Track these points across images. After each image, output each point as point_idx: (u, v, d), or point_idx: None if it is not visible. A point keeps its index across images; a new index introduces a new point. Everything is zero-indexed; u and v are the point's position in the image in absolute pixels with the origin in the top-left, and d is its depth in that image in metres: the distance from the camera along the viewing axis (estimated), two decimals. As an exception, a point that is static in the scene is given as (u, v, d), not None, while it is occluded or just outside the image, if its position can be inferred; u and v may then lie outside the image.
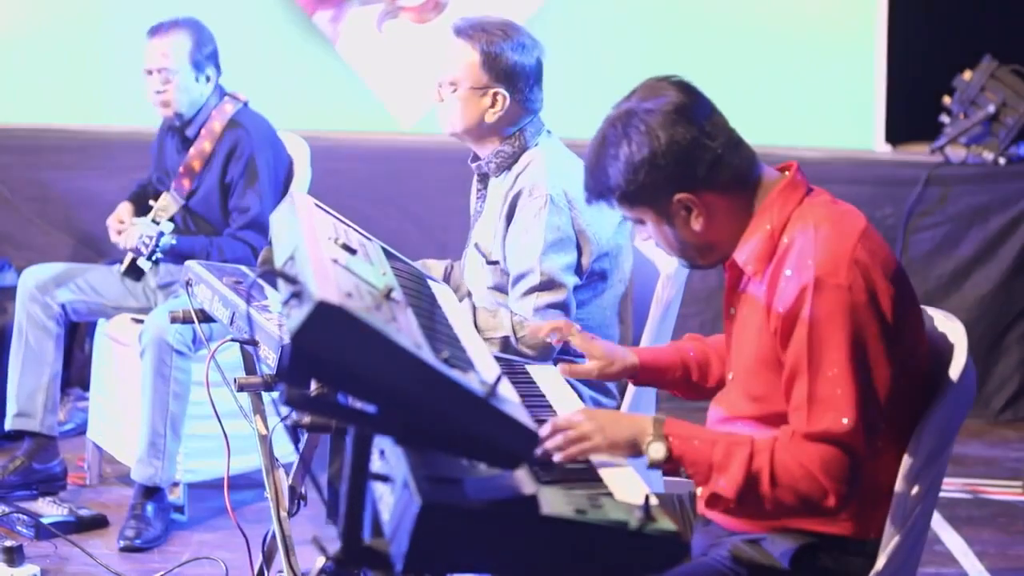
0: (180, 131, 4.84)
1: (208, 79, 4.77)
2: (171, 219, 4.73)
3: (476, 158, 3.72)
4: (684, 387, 2.94)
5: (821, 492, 2.42)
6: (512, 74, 3.62)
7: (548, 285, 3.50)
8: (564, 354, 3.43)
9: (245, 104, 4.84)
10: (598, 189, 2.62)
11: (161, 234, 4.58)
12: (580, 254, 3.55)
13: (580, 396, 3.03)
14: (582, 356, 3.04)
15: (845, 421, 2.41)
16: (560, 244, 3.51)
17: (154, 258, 4.57)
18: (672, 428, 2.47)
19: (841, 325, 2.42)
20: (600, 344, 2.94)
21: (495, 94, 3.62)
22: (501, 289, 3.64)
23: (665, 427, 2.46)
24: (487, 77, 3.61)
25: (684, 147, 2.53)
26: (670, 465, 2.47)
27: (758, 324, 2.55)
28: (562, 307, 3.51)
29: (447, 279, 3.83)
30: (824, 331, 2.42)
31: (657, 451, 2.45)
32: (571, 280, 3.53)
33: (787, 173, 2.61)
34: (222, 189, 4.76)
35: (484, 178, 3.75)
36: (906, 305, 2.51)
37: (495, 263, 3.62)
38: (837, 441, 2.41)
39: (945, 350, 2.59)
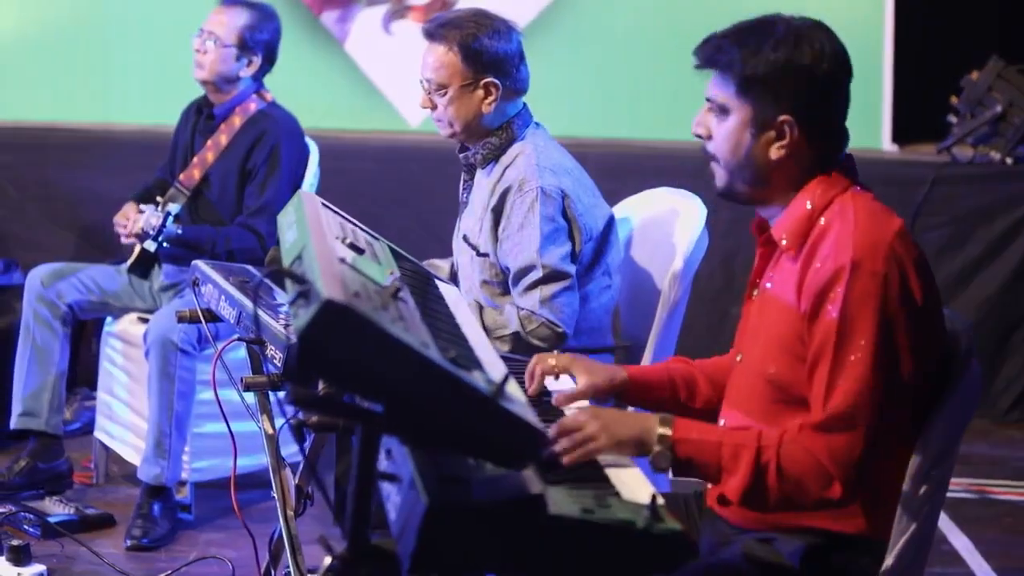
0: (208, 111, 4.84)
1: (249, 63, 4.78)
2: (179, 208, 4.74)
3: (464, 148, 3.73)
4: (671, 407, 2.90)
5: (827, 480, 2.42)
6: (496, 60, 3.62)
7: (552, 277, 3.52)
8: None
9: (271, 103, 4.85)
10: (723, 57, 2.56)
11: (168, 214, 4.58)
12: (573, 242, 3.57)
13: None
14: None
15: (858, 411, 2.41)
16: (556, 234, 3.53)
17: (160, 239, 4.57)
18: (679, 431, 2.46)
19: (872, 312, 2.42)
20: (583, 360, 2.92)
21: (487, 84, 3.62)
22: (492, 283, 3.65)
23: (672, 430, 2.46)
24: (472, 71, 3.62)
25: (830, 85, 2.58)
26: (677, 469, 2.47)
27: (785, 304, 2.55)
28: (568, 290, 3.52)
29: (453, 278, 3.83)
30: (854, 315, 2.42)
31: (663, 460, 2.45)
32: (571, 268, 3.54)
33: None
34: (241, 174, 4.76)
35: (471, 169, 3.76)
36: (933, 305, 2.51)
37: (485, 255, 3.64)
38: (847, 429, 2.41)
39: (952, 350, 2.58)
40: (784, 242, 2.57)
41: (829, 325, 2.44)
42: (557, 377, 2.94)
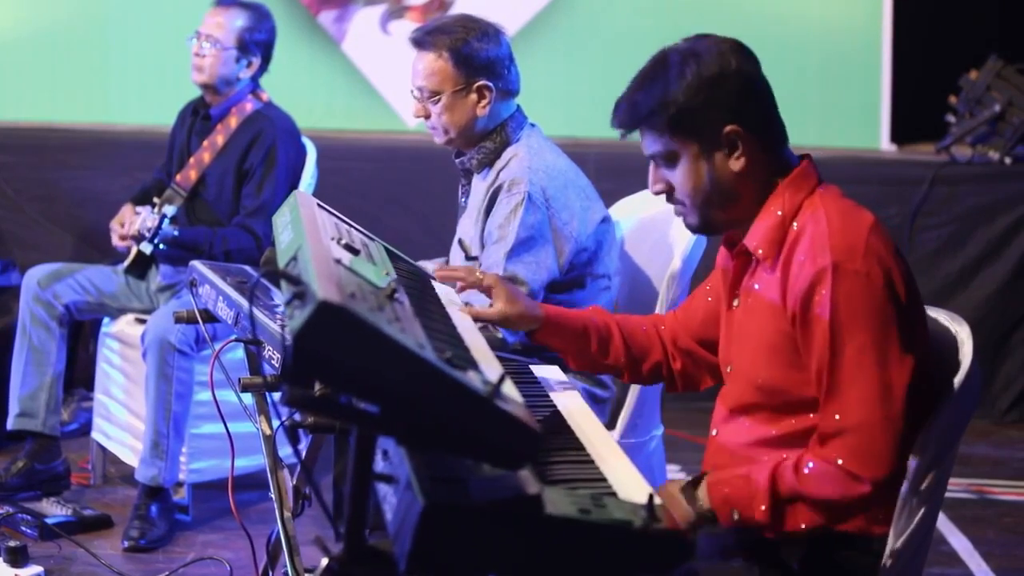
0: (204, 112, 4.83)
1: (249, 65, 4.78)
2: (175, 210, 4.73)
3: (460, 154, 3.73)
4: (580, 356, 2.93)
5: (854, 482, 2.43)
6: (487, 63, 3.62)
7: (509, 281, 3.51)
8: (537, 351, 3.37)
9: (268, 103, 4.84)
10: (643, 110, 2.56)
11: (164, 216, 4.58)
12: (557, 253, 3.55)
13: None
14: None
15: (870, 408, 2.42)
16: (530, 242, 3.52)
17: (156, 241, 4.56)
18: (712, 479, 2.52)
19: (861, 310, 2.43)
20: (509, 286, 2.92)
21: (480, 87, 3.62)
22: None
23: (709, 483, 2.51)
24: (464, 75, 3.62)
25: (749, 79, 2.55)
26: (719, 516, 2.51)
27: (768, 311, 2.55)
28: None
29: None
30: (845, 316, 2.43)
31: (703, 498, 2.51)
32: (537, 278, 3.52)
33: (801, 163, 2.63)
34: (238, 175, 4.76)
35: (468, 174, 3.76)
36: (914, 298, 2.52)
37: (474, 259, 3.63)
38: (862, 429, 2.42)
39: (951, 351, 2.58)
40: (760, 252, 2.57)
41: (822, 330, 2.45)
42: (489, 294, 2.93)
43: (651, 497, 2.12)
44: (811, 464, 2.45)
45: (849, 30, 6.77)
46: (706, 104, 2.53)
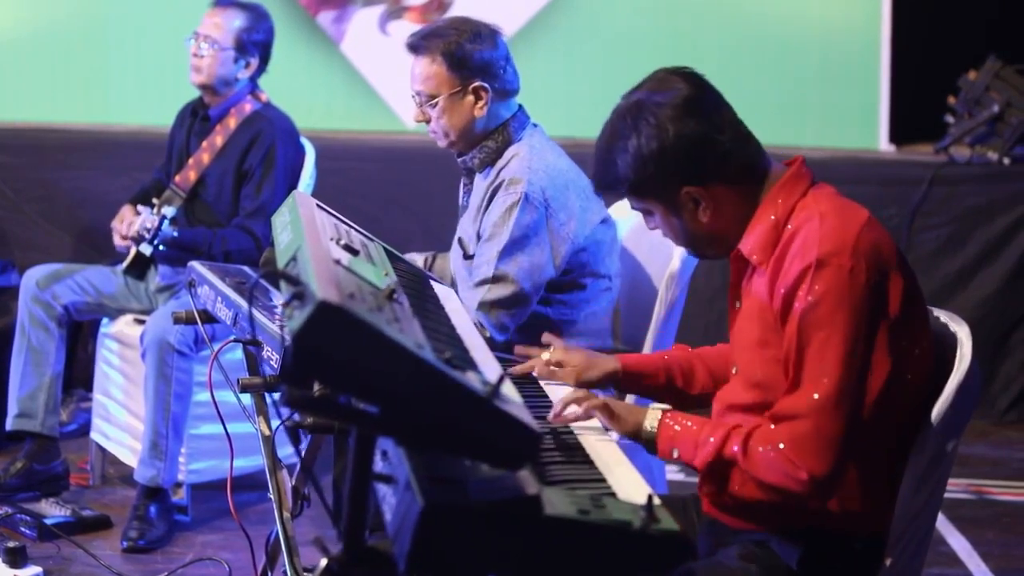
0: (203, 112, 4.83)
1: (247, 65, 4.77)
2: (174, 211, 4.73)
3: (462, 153, 3.73)
4: (667, 394, 2.96)
5: (791, 468, 2.42)
6: (482, 64, 3.62)
7: (499, 281, 3.52)
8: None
9: (266, 104, 4.84)
10: (607, 180, 2.64)
11: (164, 218, 4.57)
12: (553, 254, 3.55)
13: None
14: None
15: (816, 397, 2.42)
16: (523, 242, 3.52)
17: (156, 243, 4.56)
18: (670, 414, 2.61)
19: (837, 305, 2.43)
20: (578, 351, 2.99)
21: (476, 89, 3.62)
22: None
23: (663, 414, 2.61)
24: (459, 77, 3.62)
25: (693, 141, 2.55)
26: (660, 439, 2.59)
27: (761, 311, 2.56)
28: (509, 303, 3.51)
29: (429, 270, 3.83)
30: (820, 309, 2.44)
31: (652, 420, 2.60)
32: (528, 278, 3.53)
33: (791, 166, 2.62)
34: (237, 176, 4.75)
35: (470, 173, 3.76)
36: (910, 297, 2.51)
37: (471, 258, 3.63)
38: (810, 417, 2.42)
39: (950, 351, 2.58)
40: (755, 257, 2.58)
41: (795, 320, 2.46)
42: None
43: (650, 498, 2.12)
44: (757, 446, 2.46)
45: (848, 31, 6.77)
46: (653, 177, 2.58)
